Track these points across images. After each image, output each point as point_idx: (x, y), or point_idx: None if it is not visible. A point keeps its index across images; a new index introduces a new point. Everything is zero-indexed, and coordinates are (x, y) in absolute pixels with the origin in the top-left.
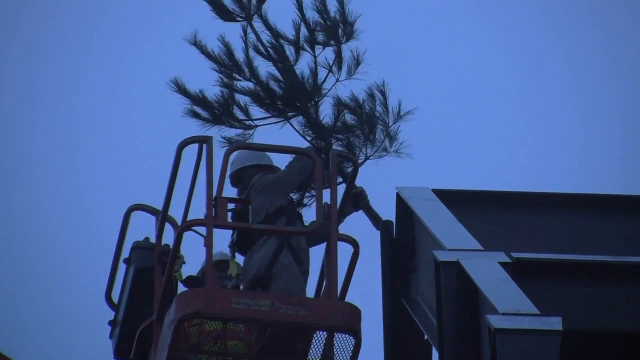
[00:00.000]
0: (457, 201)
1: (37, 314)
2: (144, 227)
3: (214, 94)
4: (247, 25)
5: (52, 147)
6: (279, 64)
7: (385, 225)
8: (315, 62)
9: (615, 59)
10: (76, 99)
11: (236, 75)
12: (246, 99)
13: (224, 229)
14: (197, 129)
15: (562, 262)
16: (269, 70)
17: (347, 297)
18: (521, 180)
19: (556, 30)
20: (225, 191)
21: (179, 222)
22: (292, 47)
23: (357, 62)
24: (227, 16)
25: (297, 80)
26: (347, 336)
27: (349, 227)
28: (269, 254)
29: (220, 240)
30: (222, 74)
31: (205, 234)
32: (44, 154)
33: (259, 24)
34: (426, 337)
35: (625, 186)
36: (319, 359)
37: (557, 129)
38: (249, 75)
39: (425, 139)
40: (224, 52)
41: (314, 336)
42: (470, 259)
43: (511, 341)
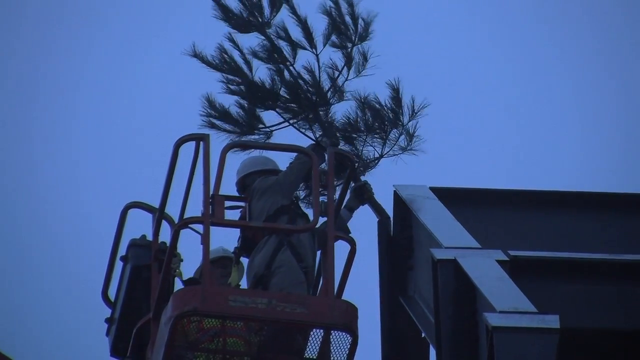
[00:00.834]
0: (455, 199)
1: (33, 311)
2: (141, 225)
3: (235, 104)
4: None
5: (49, 146)
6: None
7: (382, 223)
8: (333, 66)
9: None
10: (74, 97)
11: (238, 80)
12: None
13: (220, 226)
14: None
15: (559, 260)
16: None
17: (344, 295)
18: (518, 178)
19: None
20: (222, 189)
21: (176, 219)
22: (305, 49)
23: (365, 60)
24: (244, 28)
25: (316, 83)
26: (344, 334)
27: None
28: (269, 253)
29: (217, 237)
30: (226, 82)
31: (202, 231)
32: (41, 152)
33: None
34: (424, 335)
35: (622, 184)
36: (315, 357)
37: (555, 127)
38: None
39: (425, 139)
40: (227, 59)
41: (311, 334)
42: (467, 257)
43: (509, 339)
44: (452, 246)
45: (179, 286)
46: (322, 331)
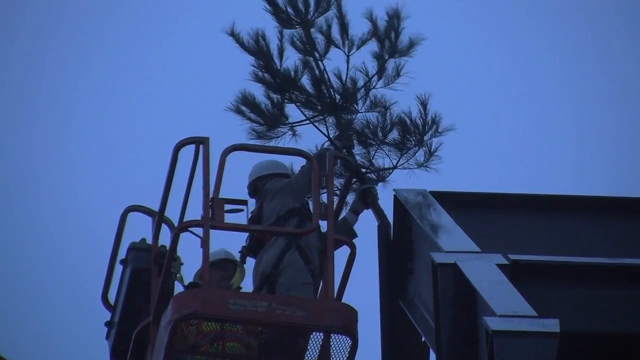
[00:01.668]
0: (455, 203)
1: (34, 314)
2: (141, 228)
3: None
4: (302, 31)
5: (49, 148)
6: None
7: (382, 226)
8: (364, 71)
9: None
10: (75, 99)
11: (272, 70)
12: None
13: (220, 229)
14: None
15: (559, 264)
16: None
17: (344, 298)
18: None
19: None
20: (222, 192)
21: (176, 223)
22: (338, 47)
23: (397, 75)
24: (286, 23)
25: (346, 85)
26: (343, 337)
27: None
28: (277, 253)
29: (219, 240)
30: (258, 68)
31: (202, 235)
32: (42, 155)
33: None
34: (423, 339)
35: (622, 188)
36: None
37: (554, 131)
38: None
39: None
40: (261, 47)
41: (311, 337)
42: (467, 261)
43: (509, 343)
44: (452, 250)
45: (179, 289)
46: (322, 334)
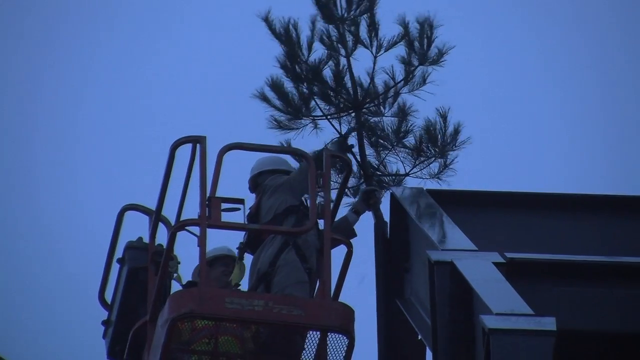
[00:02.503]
0: (451, 201)
1: (30, 314)
2: (138, 227)
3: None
4: (343, 28)
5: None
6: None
7: (379, 225)
8: (391, 74)
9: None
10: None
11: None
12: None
13: (217, 228)
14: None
15: (556, 263)
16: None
17: (340, 297)
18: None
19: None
20: (219, 191)
21: (173, 222)
22: (366, 47)
23: (423, 83)
24: (330, 19)
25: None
26: (340, 336)
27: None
28: (274, 251)
29: (214, 240)
30: (287, 59)
31: (199, 234)
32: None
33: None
34: (420, 337)
35: (618, 187)
36: (312, 359)
37: (551, 129)
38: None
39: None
40: (291, 34)
41: (308, 336)
42: (464, 259)
43: (505, 341)
44: (449, 248)
45: (176, 288)
46: (318, 333)
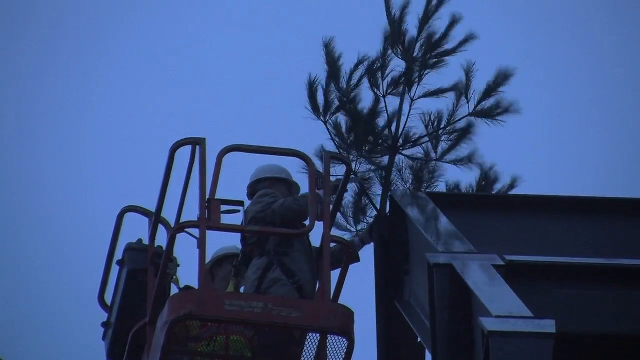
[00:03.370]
0: (450, 204)
1: (30, 316)
2: (137, 229)
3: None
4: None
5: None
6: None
7: (378, 227)
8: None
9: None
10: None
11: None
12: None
13: (217, 230)
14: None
15: (555, 265)
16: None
17: (340, 299)
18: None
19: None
20: (218, 193)
21: (172, 224)
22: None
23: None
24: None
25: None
26: (340, 338)
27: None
28: (259, 273)
29: (213, 242)
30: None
31: (198, 235)
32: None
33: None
34: (419, 339)
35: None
36: None
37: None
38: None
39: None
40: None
41: (307, 338)
42: (463, 262)
43: (504, 344)
44: (448, 251)
45: (174, 291)
46: (318, 335)
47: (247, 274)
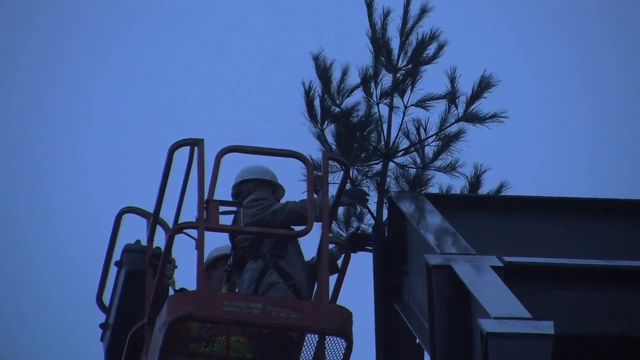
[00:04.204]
0: (449, 205)
1: (28, 316)
2: (136, 230)
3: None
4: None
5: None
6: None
7: (377, 228)
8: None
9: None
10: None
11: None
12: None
13: (215, 231)
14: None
15: (554, 266)
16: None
17: (338, 301)
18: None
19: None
20: (217, 194)
21: (171, 224)
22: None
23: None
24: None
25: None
26: (338, 339)
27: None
28: (255, 276)
29: (211, 242)
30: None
31: (196, 236)
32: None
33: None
34: (418, 341)
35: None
36: None
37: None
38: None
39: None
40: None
41: (305, 339)
42: (462, 263)
43: (503, 345)
44: (447, 252)
45: (171, 292)
46: (316, 336)
47: (242, 278)
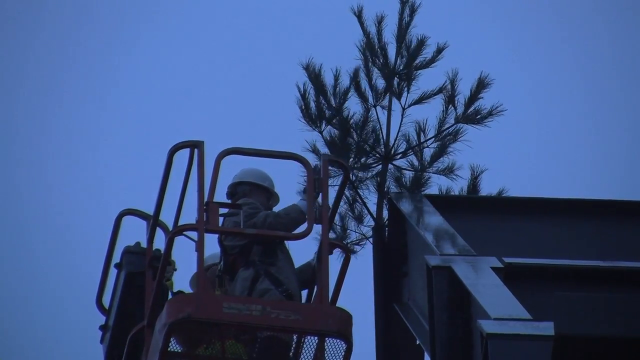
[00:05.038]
0: (449, 206)
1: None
2: (135, 232)
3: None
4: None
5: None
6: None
7: (377, 230)
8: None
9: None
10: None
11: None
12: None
13: (215, 233)
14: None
15: (554, 267)
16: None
17: (338, 302)
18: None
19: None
20: (216, 196)
21: (170, 227)
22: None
23: (454, 139)
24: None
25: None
26: (338, 341)
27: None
28: (247, 284)
29: (211, 245)
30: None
31: (196, 238)
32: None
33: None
34: (418, 342)
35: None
36: None
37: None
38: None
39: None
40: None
41: (305, 341)
42: (462, 264)
43: (503, 346)
44: (447, 253)
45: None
46: (316, 338)
47: (234, 286)
